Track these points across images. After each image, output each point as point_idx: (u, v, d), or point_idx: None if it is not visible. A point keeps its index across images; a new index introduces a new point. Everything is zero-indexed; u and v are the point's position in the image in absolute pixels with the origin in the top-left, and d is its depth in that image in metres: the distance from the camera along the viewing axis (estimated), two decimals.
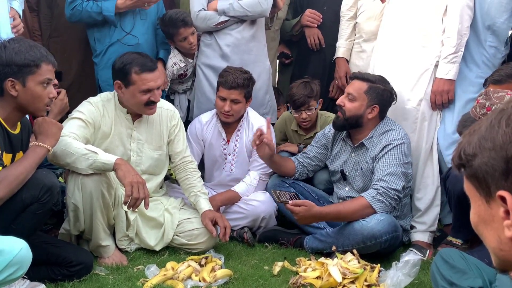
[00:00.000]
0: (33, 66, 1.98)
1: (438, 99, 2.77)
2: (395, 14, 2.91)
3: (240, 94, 2.89)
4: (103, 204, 2.38)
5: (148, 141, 2.69)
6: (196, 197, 2.70)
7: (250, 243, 2.76)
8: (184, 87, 3.40)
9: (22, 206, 1.99)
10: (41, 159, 2.06)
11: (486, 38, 2.77)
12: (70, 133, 2.38)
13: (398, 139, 2.61)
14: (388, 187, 2.51)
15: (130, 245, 2.60)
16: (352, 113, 2.65)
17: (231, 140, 3.05)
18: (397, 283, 2.17)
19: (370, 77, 2.67)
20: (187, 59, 3.29)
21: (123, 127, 2.63)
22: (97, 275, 2.30)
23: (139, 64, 2.49)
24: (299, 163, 2.92)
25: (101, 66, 3.11)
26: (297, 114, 3.15)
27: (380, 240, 2.44)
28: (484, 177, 0.82)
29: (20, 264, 1.71)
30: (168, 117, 2.74)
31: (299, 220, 2.58)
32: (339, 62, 3.43)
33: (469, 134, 0.87)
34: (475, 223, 0.88)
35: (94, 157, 2.26)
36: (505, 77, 2.51)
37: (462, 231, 2.58)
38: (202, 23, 3.13)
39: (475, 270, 1.77)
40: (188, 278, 2.29)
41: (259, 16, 3.17)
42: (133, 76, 2.48)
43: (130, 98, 2.54)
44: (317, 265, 2.36)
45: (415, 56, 2.80)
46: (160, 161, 2.75)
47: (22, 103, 2.02)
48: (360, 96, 2.64)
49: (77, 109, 2.55)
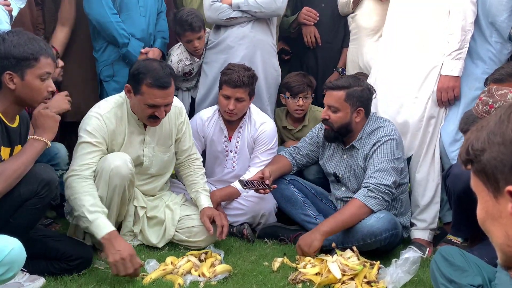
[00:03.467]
0: (32, 60, 1.95)
1: (444, 96, 2.76)
2: (400, 11, 2.89)
3: (245, 92, 2.88)
4: (121, 199, 2.43)
5: (159, 144, 2.64)
6: (197, 194, 2.69)
7: (249, 239, 2.77)
8: (188, 85, 3.39)
9: (20, 201, 1.98)
10: (39, 153, 2.05)
11: (491, 34, 2.76)
12: (80, 166, 2.33)
13: (387, 135, 2.60)
14: (377, 183, 2.50)
15: (133, 241, 2.61)
16: (340, 123, 2.65)
17: (233, 137, 3.04)
18: (397, 280, 2.17)
19: (343, 83, 2.64)
20: (194, 58, 3.27)
21: (135, 134, 2.55)
22: (97, 269, 2.31)
23: (153, 77, 2.35)
24: (292, 158, 2.92)
25: (101, 63, 3.10)
26: (294, 100, 3.18)
27: (379, 238, 2.44)
28: (493, 172, 0.81)
29: (10, 264, 1.68)
30: (176, 114, 2.67)
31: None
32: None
33: (476, 130, 0.86)
34: (482, 219, 0.87)
35: (88, 224, 2.23)
36: (506, 75, 2.50)
37: (462, 229, 2.58)
38: (213, 14, 3.11)
39: (475, 268, 1.77)
40: (187, 273, 2.29)
41: (272, 14, 3.16)
42: (144, 87, 2.36)
43: (135, 105, 2.46)
44: (317, 262, 2.36)
45: (422, 54, 2.79)
46: (168, 162, 2.73)
47: (20, 97, 2.00)
48: (341, 105, 2.63)
49: (85, 127, 2.41)
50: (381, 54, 2.99)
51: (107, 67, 3.10)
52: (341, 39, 3.55)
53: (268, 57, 3.21)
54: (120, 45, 3.01)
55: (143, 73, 2.37)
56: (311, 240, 2.46)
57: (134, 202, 2.60)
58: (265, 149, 3.00)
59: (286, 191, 2.84)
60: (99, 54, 3.10)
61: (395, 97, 2.85)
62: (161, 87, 2.36)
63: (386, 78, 2.89)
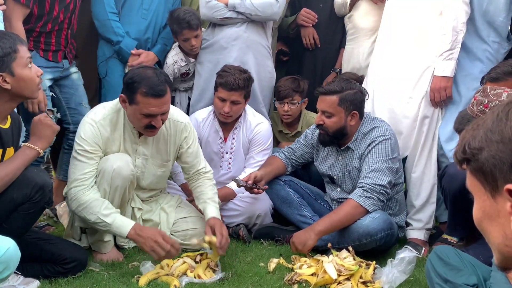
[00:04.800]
0: (12, 52, 1.94)
1: (436, 97, 2.76)
2: (395, 12, 2.89)
3: (240, 95, 2.88)
4: (121, 200, 2.42)
5: (154, 157, 2.56)
6: (205, 204, 2.57)
7: (245, 240, 2.76)
8: (186, 85, 3.38)
9: (14, 206, 1.98)
10: (30, 161, 2.05)
11: (489, 34, 2.77)
12: (82, 176, 2.32)
13: (381, 135, 2.60)
14: (372, 183, 2.51)
15: (129, 243, 2.59)
16: (335, 128, 2.64)
17: (228, 139, 3.04)
18: (392, 280, 2.17)
19: (336, 87, 2.62)
20: (189, 58, 3.27)
21: (128, 142, 2.49)
22: (92, 271, 2.30)
23: (147, 85, 2.26)
24: (286, 158, 2.92)
25: (99, 59, 3.15)
26: (280, 105, 3.18)
27: (375, 238, 2.44)
28: (491, 171, 0.80)
29: (7, 263, 1.68)
30: (179, 130, 2.56)
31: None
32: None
33: (472, 129, 0.85)
34: (478, 219, 0.86)
35: (108, 227, 2.28)
36: (502, 74, 2.51)
37: (458, 228, 2.59)
38: (208, 12, 3.10)
39: (470, 267, 1.77)
40: (183, 275, 2.29)
41: (268, 18, 3.15)
42: (138, 96, 2.28)
43: (131, 115, 2.37)
44: (313, 262, 2.36)
45: (416, 54, 2.80)
46: (162, 177, 2.68)
47: (17, 92, 1.98)
48: (335, 110, 2.62)
49: (80, 134, 2.37)
50: (377, 54, 2.99)
51: (103, 64, 3.15)
52: (339, 39, 3.54)
53: (262, 59, 3.21)
54: (114, 43, 3.05)
55: (137, 81, 2.28)
56: (306, 239, 2.46)
57: (131, 204, 2.60)
58: (260, 149, 3.00)
59: (281, 192, 2.84)
60: (98, 51, 3.17)
61: (390, 97, 2.86)
62: (156, 95, 2.27)
63: (382, 78, 2.90)
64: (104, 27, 3.05)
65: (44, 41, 2.79)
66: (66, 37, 2.87)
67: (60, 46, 2.84)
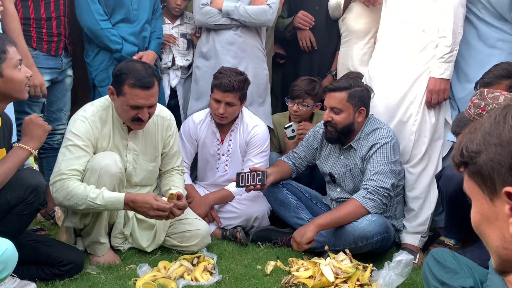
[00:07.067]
0: (1, 53, 1.93)
1: (434, 98, 2.77)
2: (394, 14, 2.90)
3: (235, 97, 2.88)
4: None
5: (143, 152, 2.59)
6: (170, 185, 2.66)
7: (243, 243, 2.76)
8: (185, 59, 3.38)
9: (8, 208, 1.97)
10: (23, 161, 2.04)
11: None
12: (69, 171, 2.29)
13: (384, 137, 2.61)
14: (377, 185, 2.51)
15: (123, 244, 2.59)
16: (344, 124, 2.65)
17: (225, 141, 3.04)
18: (389, 282, 2.17)
19: (344, 84, 2.66)
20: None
21: (119, 138, 2.50)
22: (89, 274, 2.29)
23: (135, 77, 2.31)
24: (292, 163, 2.92)
25: (93, 67, 3.08)
26: (290, 104, 3.18)
27: (371, 241, 2.44)
28: (490, 174, 0.80)
29: (5, 264, 1.68)
30: (164, 126, 2.63)
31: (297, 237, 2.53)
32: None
33: (469, 132, 0.85)
34: (476, 222, 0.86)
35: (102, 207, 2.27)
36: (494, 78, 2.51)
37: (454, 231, 2.59)
38: (202, 17, 3.13)
39: (467, 270, 1.77)
40: (180, 278, 2.28)
41: (262, 24, 3.18)
42: (126, 87, 2.33)
43: (119, 107, 2.41)
44: (310, 265, 2.36)
45: (415, 56, 2.79)
46: (154, 173, 2.69)
47: (6, 93, 1.98)
48: (344, 106, 2.63)
49: (71, 129, 2.38)
50: (376, 58, 2.99)
51: (102, 72, 3.07)
52: (335, 42, 3.55)
53: (258, 61, 3.22)
54: (113, 51, 3.00)
55: (125, 73, 2.33)
56: (305, 231, 2.46)
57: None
58: (258, 151, 3.00)
59: (279, 195, 2.84)
60: (90, 59, 3.08)
61: (389, 101, 2.86)
62: (143, 87, 2.32)
63: (381, 82, 2.90)
64: (99, 37, 2.97)
65: (47, 32, 2.80)
66: (65, 25, 2.88)
67: (60, 36, 2.86)
